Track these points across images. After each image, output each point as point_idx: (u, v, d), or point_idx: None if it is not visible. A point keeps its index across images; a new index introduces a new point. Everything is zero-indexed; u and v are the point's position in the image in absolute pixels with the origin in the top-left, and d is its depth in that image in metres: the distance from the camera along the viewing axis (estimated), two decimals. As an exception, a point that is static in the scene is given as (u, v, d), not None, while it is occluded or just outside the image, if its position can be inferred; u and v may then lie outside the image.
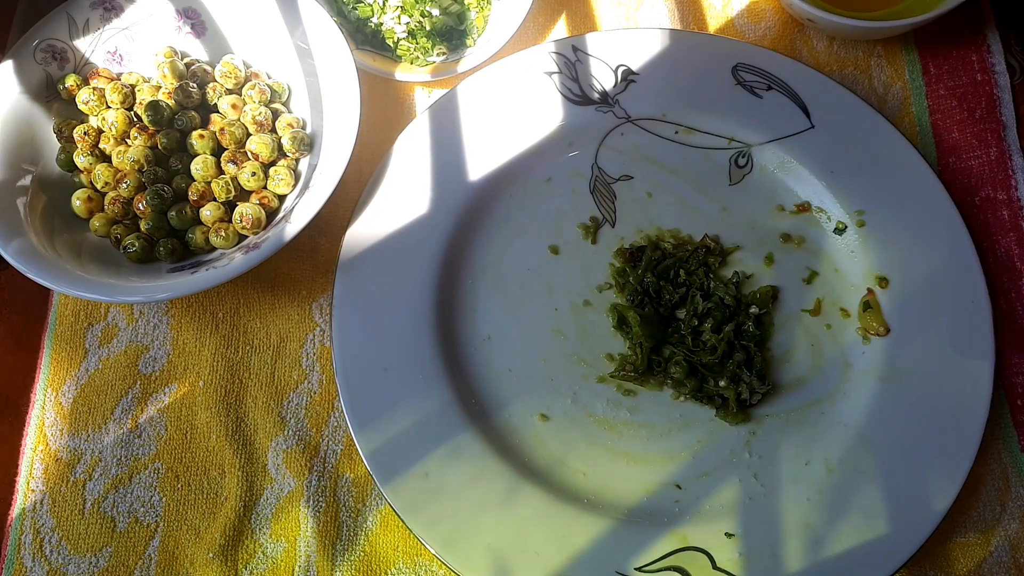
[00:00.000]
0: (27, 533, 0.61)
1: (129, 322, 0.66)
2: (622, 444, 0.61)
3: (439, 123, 0.66)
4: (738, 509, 0.59)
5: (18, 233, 0.58)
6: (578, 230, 0.66)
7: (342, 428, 0.63)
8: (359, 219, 0.64)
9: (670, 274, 0.64)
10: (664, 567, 0.57)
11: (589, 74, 0.68)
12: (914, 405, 0.60)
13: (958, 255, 0.62)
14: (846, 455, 0.59)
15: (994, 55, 0.68)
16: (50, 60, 0.63)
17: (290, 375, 0.64)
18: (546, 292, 0.65)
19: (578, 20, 0.73)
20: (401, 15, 0.66)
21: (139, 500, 0.62)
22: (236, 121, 0.63)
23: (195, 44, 0.67)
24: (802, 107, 0.66)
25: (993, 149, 0.67)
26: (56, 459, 0.62)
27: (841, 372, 0.62)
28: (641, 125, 0.68)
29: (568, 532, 0.58)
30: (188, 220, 0.62)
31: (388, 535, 0.61)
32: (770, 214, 0.66)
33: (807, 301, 0.64)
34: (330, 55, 0.62)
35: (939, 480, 0.57)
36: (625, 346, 0.63)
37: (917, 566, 0.59)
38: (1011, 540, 0.60)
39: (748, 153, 0.67)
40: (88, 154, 0.62)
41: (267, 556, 0.60)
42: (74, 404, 0.64)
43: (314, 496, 0.61)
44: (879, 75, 0.70)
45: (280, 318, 0.66)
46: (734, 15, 0.73)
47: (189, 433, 0.63)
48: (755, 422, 0.61)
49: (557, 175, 0.67)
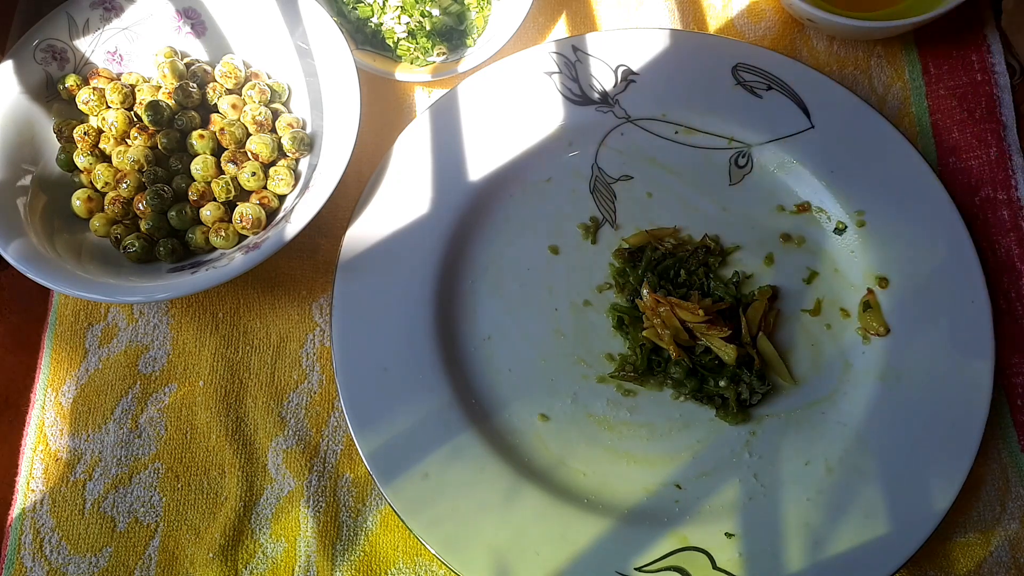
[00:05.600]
0: (27, 533, 0.61)
1: (129, 322, 0.66)
2: (622, 444, 0.61)
3: (439, 123, 0.66)
4: (738, 509, 0.59)
5: (18, 233, 0.58)
6: (578, 230, 0.66)
7: (342, 428, 0.63)
8: (359, 219, 0.64)
9: (670, 274, 0.64)
10: (664, 567, 0.57)
11: (589, 74, 0.68)
12: (914, 405, 0.60)
13: (958, 255, 0.62)
14: (846, 455, 0.59)
15: (994, 55, 0.68)
16: (50, 60, 0.63)
17: (290, 375, 0.64)
18: (546, 292, 0.65)
19: (578, 20, 0.73)
20: (401, 15, 0.66)
21: (139, 500, 0.62)
22: (236, 121, 0.63)
23: (195, 44, 0.67)
24: (802, 107, 0.66)
25: (993, 149, 0.67)
26: (56, 459, 0.62)
27: (841, 372, 0.62)
28: (641, 125, 0.68)
29: (568, 532, 0.58)
30: (188, 220, 0.62)
31: (388, 535, 0.61)
32: (770, 214, 0.66)
33: (807, 301, 0.64)
34: (330, 55, 0.62)
35: (939, 480, 0.57)
36: (625, 346, 0.63)
37: (917, 566, 0.59)
38: (1011, 540, 0.60)
39: (748, 153, 0.67)
40: (88, 154, 0.62)
41: (267, 556, 0.60)
42: (74, 404, 0.64)
43: (314, 496, 0.61)
44: (879, 75, 0.70)
45: (280, 318, 0.66)
46: (734, 15, 0.73)
47: (189, 433, 0.63)
48: (755, 422, 0.61)
49: (557, 175, 0.67)
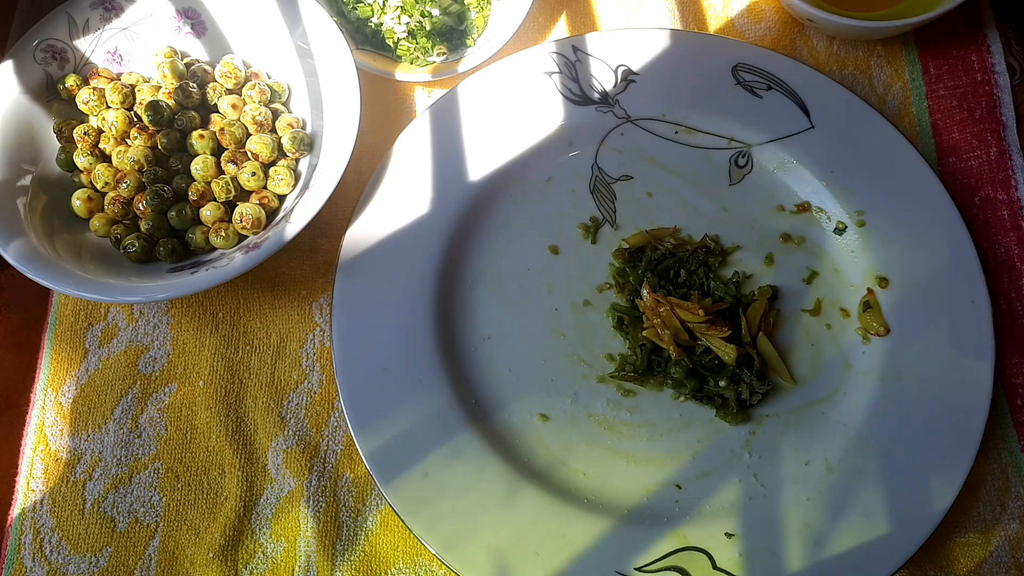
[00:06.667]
0: (27, 533, 0.61)
1: (129, 322, 0.66)
2: (622, 444, 0.61)
3: (439, 123, 0.66)
4: (738, 509, 0.59)
5: (18, 233, 0.58)
6: (578, 230, 0.66)
7: (342, 428, 0.63)
8: (359, 219, 0.64)
9: (670, 274, 0.64)
10: (664, 567, 0.57)
11: (589, 74, 0.68)
12: (914, 405, 0.60)
13: (958, 255, 0.62)
14: (846, 455, 0.59)
15: (994, 55, 0.68)
16: (50, 60, 0.63)
17: (290, 375, 0.64)
18: (546, 292, 0.65)
19: (578, 20, 0.73)
20: (401, 15, 0.66)
21: (139, 500, 0.62)
22: (236, 121, 0.63)
23: (195, 44, 0.67)
24: (802, 107, 0.66)
25: (993, 149, 0.67)
26: (56, 459, 0.62)
27: (841, 372, 0.62)
28: (641, 125, 0.68)
29: (568, 532, 0.58)
30: (188, 220, 0.62)
31: (388, 535, 0.61)
32: (770, 214, 0.66)
33: (807, 301, 0.64)
34: (330, 55, 0.62)
35: (939, 480, 0.57)
36: (625, 346, 0.63)
37: (917, 566, 0.59)
38: (1011, 540, 0.60)
39: (748, 153, 0.67)
40: (88, 154, 0.62)
41: (267, 556, 0.60)
42: (74, 404, 0.64)
43: (314, 496, 0.61)
44: (879, 75, 0.70)
45: (280, 318, 0.66)
46: (734, 15, 0.73)
47: (189, 433, 0.63)
48: (755, 422, 0.61)
49: (557, 175, 0.67)
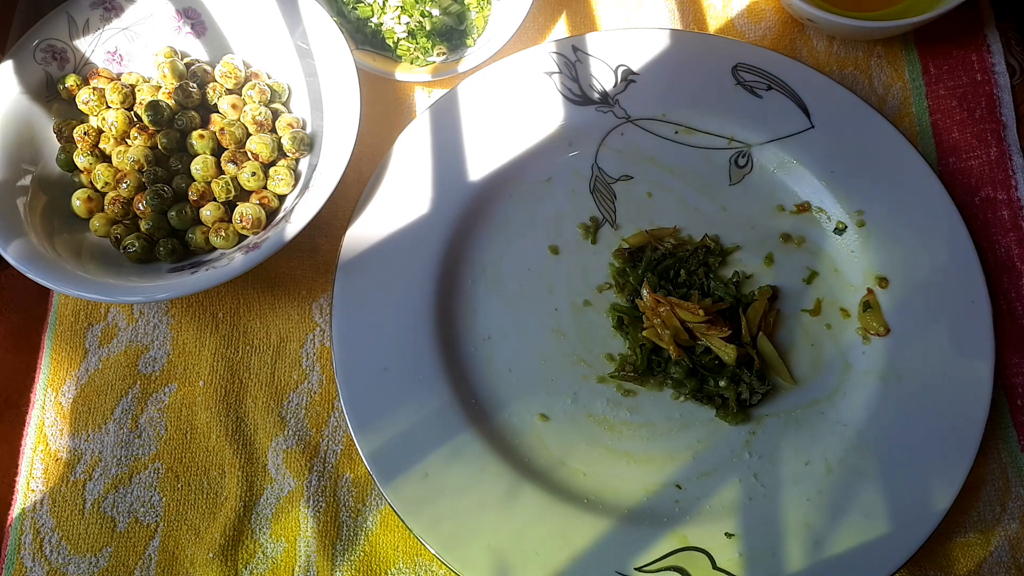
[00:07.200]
0: (27, 533, 0.61)
1: (129, 322, 0.66)
2: (622, 444, 0.61)
3: (439, 123, 0.66)
4: (738, 509, 0.59)
5: (18, 233, 0.58)
6: (578, 230, 0.66)
7: (342, 428, 0.63)
8: (359, 219, 0.64)
9: (670, 274, 0.64)
10: (664, 567, 0.57)
11: (589, 74, 0.68)
12: (914, 405, 0.60)
13: (958, 255, 0.62)
14: (846, 455, 0.59)
15: (994, 55, 0.68)
16: (50, 60, 0.63)
17: (290, 375, 0.64)
18: (546, 292, 0.65)
19: (578, 20, 0.73)
20: (401, 15, 0.66)
21: (139, 500, 0.62)
22: (236, 121, 0.63)
23: (195, 44, 0.67)
24: (802, 107, 0.66)
25: (993, 149, 0.67)
26: (56, 459, 0.62)
27: (841, 372, 0.62)
28: (641, 125, 0.68)
29: (568, 532, 0.58)
30: (188, 220, 0.62)
31: (388, 535, 0.61)
32: (770, 214, 0.66)
33: (807, 301, 0.64)
34: (330, 55, 0.62)
35: (939, 480, 0.57)
36: (625, 346, 0.63)
37: (917, 566, 0.59)
38: (1011, 540, 0.60)
39: (748, 153, 0.67)
40: (88, 154, 0.62)
41: (267, 556, 0.60)
42: (74, 404, 0.64)
43: (314, 496, 0.61)
44: (879, 75, 0.70)
45: (280, 318, 0.66)
46: (734, 15, 0.73)
47: (189, 433, 0.63)
48: (755, 422, 0.61)
49: (557, 175, 0.67)
